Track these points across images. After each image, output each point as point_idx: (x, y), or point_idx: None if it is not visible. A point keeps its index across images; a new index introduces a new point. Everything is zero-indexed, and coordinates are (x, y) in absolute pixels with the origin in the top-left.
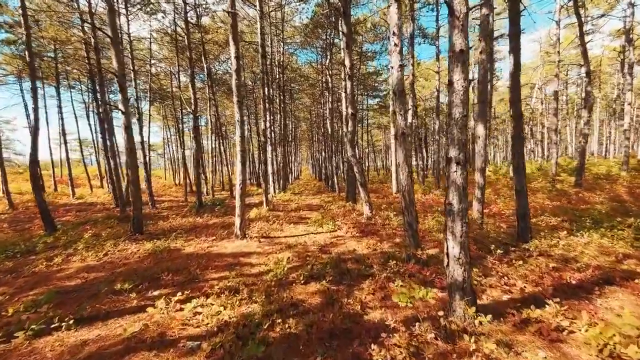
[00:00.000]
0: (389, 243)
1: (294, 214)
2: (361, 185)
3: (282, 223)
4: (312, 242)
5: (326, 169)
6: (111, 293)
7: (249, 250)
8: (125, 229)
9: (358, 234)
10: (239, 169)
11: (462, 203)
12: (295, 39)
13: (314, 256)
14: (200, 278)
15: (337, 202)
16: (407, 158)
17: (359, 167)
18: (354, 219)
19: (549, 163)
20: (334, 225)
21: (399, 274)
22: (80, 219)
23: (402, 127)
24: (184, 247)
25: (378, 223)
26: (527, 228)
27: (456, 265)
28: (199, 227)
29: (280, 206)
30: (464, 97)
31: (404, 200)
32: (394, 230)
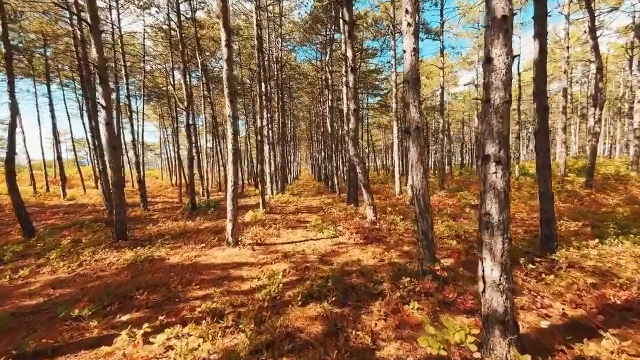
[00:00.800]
0: (397, 252)
1: (292, 217)
2: (364, 186)
3: (279, 227)
4: (311, 251)
5: (326, 169)
6: (72, 319)
7: (240, 261)
8: (109, 235)
9: (362, 240)
10: (230, 170)
11: (503, 213)
12: (293, 35)
13: (313, 268)
14: (181, 297)
15: (338, 204)
16: (422, 156)
17: (362, 167)
18: (356, 224)
19: (553, 162)
20: (335, 231)
21: (414, 293)
22: (66, 222)
23: (417, 120)
24: (169, 256)
25: (383, 228)
26: (553, 236)
27: (495, 292)
28: (189, 232)
29: (278, 208)
30: (507, 76)
31: (417, 206)
32: (400, 236)
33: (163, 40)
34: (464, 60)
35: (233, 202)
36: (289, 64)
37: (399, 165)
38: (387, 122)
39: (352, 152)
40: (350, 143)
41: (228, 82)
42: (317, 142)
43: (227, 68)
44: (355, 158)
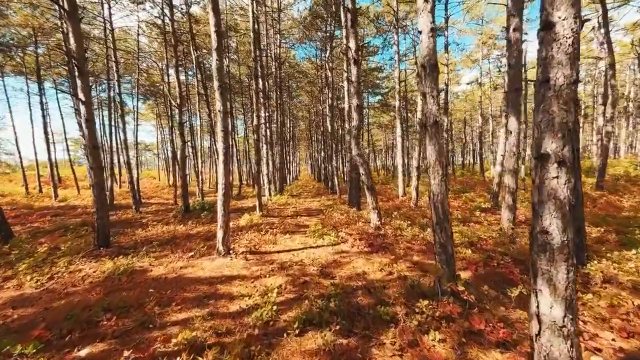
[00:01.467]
0: (407, 263)
1: (290, 221)
2: (368, 189)
3: (276, 233)
4: (310, 261)
5: (325, 170)
6: (18, 355)
7: (230, 273)
8: (91, 241)
9: (366, 248)
10: (221, 170)
11: (567, 232)
12: (292, 32)
13: (313, 283)
14: (157, 322)
15: (339, 207)
16: (441, 156)
17: (366, 168)
18: (359, 229)
19: None
20: (336, 237)
21: (434, 319)
22: (51, 226)
23: (435, 113)
24: (153, 267)
25: (389, 234)
26: (583, 246)
27: (556, 337)
28: (178, 237)
29: (276, 211)
30: (573, 47)
31: (435, 213)
32: (409, 244)
33: (157, 36)
34: (467, 58)
35: (224, 206)
36: (288, 61)
37: (402, 165)
38: (387, 122)
39: (355, 151)
40: (353, 142)
41: (218, 73)
42: (316, 142)
43: (217, 57)
44: (358, 158)
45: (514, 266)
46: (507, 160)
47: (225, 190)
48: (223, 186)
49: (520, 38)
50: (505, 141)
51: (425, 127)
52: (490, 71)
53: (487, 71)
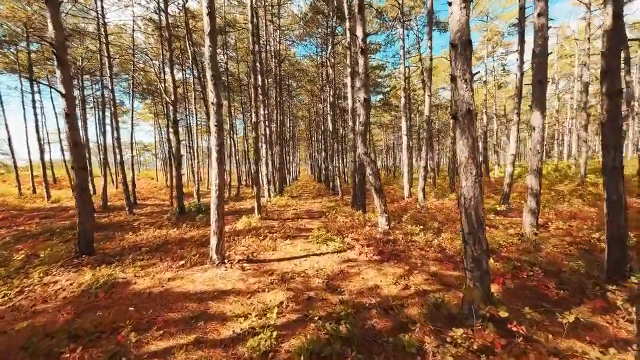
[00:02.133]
0: (423, 274)
1: (291, 224)
2: (376, 191)
3: (276, 238)
4: (315, 271)
5: (326, 170)
6: None
7: (224, 287)
8: (72, 248)
9: (376, 256)
10: (214, 170)
11: None
12: (293, 27)
13: (319, 300)
14: (132, 354)
15: (342, 209)
16: (474, 152)
17: (373, 168)
18: (366, 234)
19: (563, 163)
20: (342, 243)
21: (471, 354)
22: (38, 229)
23: (468, 101)
24: (137, 278)
25: (399, 240)
26: (625, 257)
27: None
28: (170, 242)
29: (276, 213)
30: None
31: (467, 221)
32: (422, 251)
33: (153, 32)
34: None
35: (218, 210)
36: (288, 59)
37: (407, 165)
38: (388, 122)
39: (362, 150)
40: (359, 139)
41: (211, 61)
42: (316, 142)
43: (210, 43)
44: (365, 157)
45: (546, 279)
46: (531, 158)
47: (219, 193)
48: (216, 188)
49: (546, 23)
50: (511, 139)
51: (456, 117)
52: (495, 69)
53: (491, 69)
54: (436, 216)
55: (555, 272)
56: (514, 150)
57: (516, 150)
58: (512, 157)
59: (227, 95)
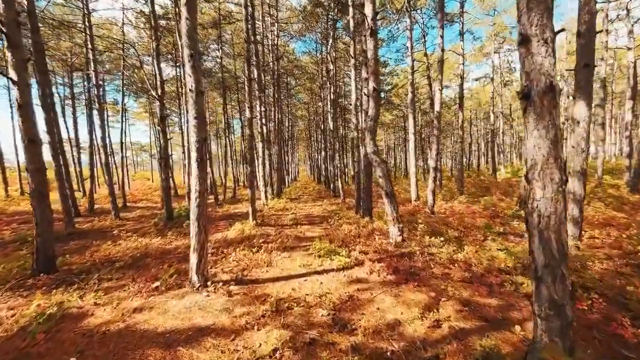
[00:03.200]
0: (455, 303)
1: (289, 232)
2: (387, 195)
3: (272, 250)
4: (317, 297)
5: (326, 171)
6: None
7: (203, 323)
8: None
9: (390, 275)
10: (194, 172)
11: None
12: (291, 21)
13: (324, 345)
14: None
15: (345, 213)
16: (556, 149)
17: (384, 170)
18: (377, 246)
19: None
20: (348, 256)
21: None
22: (12, 236)
23: (547, 71)
24: (97, 308)
25: (416, 254)
26: None
27: None
28: (150, 255)
29: (272, 218)
30: None
31: (542, 250)
32: (445, 269)
33: (145, 25)
34: (478, 51)
35: (199, 221)
36: (287, 56)
37: (415, 166)
38: (389, 121)
39: (371, 148)
40: (368, 137)
41: (188, 38)
42: (316, 142)
43: (187, 15)
44: (375, 157)
45: (611, 309)
46: (573, 158)
47: (199, 201)
48: (197, 195)
49: None
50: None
51: (528, 97)
52: (501, 67)
53: (497, 67)
54: (450, 222)
55: (619, 300)
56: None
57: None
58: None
59: (222, 92)
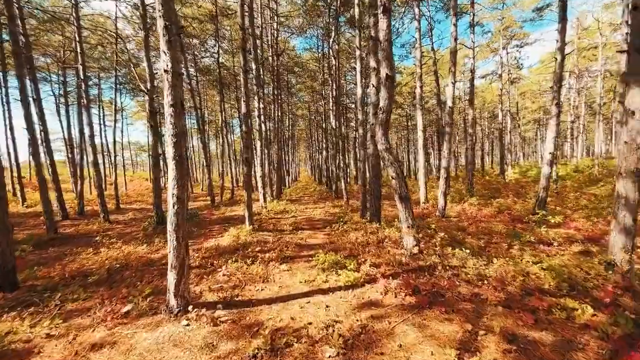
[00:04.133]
0: (501, 341)
1: (289, 239)
2: (401, 199)
3: (269, 261)
4: (323, 327)
5: (328, 171)
6: None
7: None
8: None
9: (410, 296)
10: (171, 173)
11: None
12: (292, 14)
13: None
14: None
15: (350, 217)
16: None
17: (397, 169)
18: (389, 256)
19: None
20: (357, 271)
21: None
22: None
23: None
24: (48, 341)
25: (437, 269)
26: None
27: None
28: (130, 267)
29: (271, 222)
30: None
31: None
32: (474, 287)
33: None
34: (487, 47)
35: (177, 233)
36: (287, 53)
37: (424, 166)
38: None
39: (383, 144)
40: (379, 131)
41: (162, 4)
42: (317, 142)
43: None
44: (387, 155)
45: None
46: (624, 156)
47: (178, 208)
48: (175, 200)
49: None
50: (548, 136)
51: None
52: (509, 63)
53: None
54: (465, 227)
55: None
56: (552, 148)
57: (554, 147)
58: (551, 155)
59: (219, 88)
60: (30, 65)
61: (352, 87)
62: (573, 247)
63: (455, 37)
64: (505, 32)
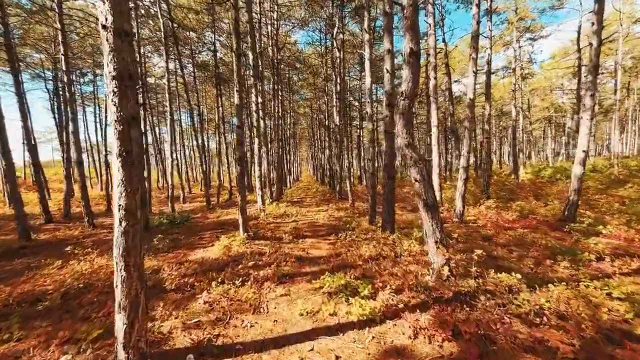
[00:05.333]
0: None
1: (288, 250)
2: (426, 206)
3: (263, 282)
4: None
5: (331, 170)
6: None
7: None
8: None
9: (447, 339)
10: (117, 176)
11: None
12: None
13: None
14: None
15: (358, 222)
16: None
17: (422, 170)
18: (412, 279)
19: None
20: (373, 298)
21: None
22: None
23: None
24: None
25: (475, 295)
26: None
27: None
28: (93, 289)
29: (269, 228)
30: None
31: None
32: (534, 329)
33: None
34: (500, 39)
35: (126, 259)
36: (288, 48)
37: (438, 165)
38: None
39: (403, 139)
40: (399, 122)
41: None
42: (319, 141)
43: None
44: (410, 151)
45: None
46: None
47: (127, 225)
48: (122, 213)
49: None
50: (581, 131)
51: None
52: (521, 58)
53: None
54: (491, 236)
55: None
56: (586, 145)
57: (588, 144)
58: (584, 154)
59: (216, 82)
60: (10, 57)
61: (356, 84)
62: (633, 264)
63: (478, 20)
64: (518, 23)
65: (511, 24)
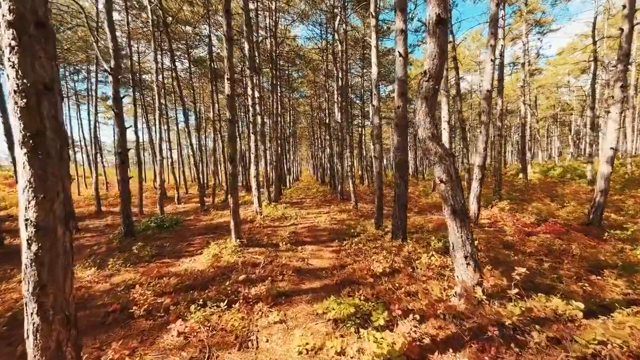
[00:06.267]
0: None
1: (285, 260)
2: (454, 213)
3: (254, 303)
4: None
5: (332, 170)
6: None
7: None
8: None
9: None
10: (24, 175)
11: None
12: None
13: None
14: None
15: (363, 227)
16: None
17: (449, 168)
18: (437, 302)
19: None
20: (390, 327)
21: None
22: None
23: None
24: None
25: (521, 329)
26: None
27: None
28: None
29: (265, 233)
30: None
31: None
32: None
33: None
34: (509, 31)
35: (38, 298)
36: (287, 43)
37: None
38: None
39: (427, 130)
40: (421, 109)
41: None
42: (320, 140)
43: None
44: (434, 146)
45: None
46: None
47: (38, 248)
48: (31, 232)
49: None
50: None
51: None
52: (529, 53)
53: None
54: (513, 242)
55: None
56: (615, 142)
57: (617, 141)
58: (612, 151)
59: (211, 77)
60: None
61: (357, 81)
62: None
63: (497, 2)
64: (528, 16)
65: (520, 16)
